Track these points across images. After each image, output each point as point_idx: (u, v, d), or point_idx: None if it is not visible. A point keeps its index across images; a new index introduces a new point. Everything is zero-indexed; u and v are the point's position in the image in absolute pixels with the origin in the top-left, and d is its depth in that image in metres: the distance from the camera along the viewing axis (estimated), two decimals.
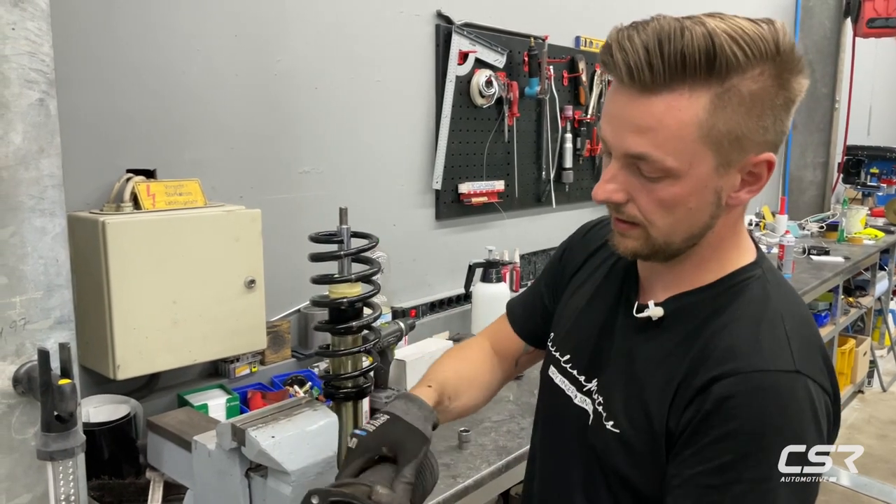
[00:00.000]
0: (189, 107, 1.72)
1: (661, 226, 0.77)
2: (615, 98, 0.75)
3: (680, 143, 0.71)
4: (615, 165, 0.77)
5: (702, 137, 0.71)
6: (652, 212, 0.76)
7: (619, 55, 0.71)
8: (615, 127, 0.75)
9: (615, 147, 0.75)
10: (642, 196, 0.76)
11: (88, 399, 1.48)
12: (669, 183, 0.74)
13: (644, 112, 0.71)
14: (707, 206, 0.76)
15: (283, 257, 1.84)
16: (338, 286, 1.13)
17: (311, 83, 1.98)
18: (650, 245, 0.79)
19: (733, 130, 0.71)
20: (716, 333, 0.77)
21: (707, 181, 0.74)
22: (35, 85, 1.09)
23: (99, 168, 1.57)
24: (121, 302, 1.41)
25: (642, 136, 0.72)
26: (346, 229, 1.15)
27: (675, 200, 0.74)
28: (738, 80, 0.70)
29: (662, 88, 0.70)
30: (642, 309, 0.84)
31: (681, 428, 0.75)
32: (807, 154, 5.03)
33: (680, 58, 0.68)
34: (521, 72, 2.57)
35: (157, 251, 1.45)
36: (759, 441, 0.70)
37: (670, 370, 0.78)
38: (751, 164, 0.75)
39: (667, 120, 0.70)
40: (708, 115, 0.70)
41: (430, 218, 2.39)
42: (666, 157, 0.72)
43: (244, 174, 1.85)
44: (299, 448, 1.04)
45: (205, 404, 1.60)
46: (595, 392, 0.89)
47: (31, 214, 1.09)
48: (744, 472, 0.70)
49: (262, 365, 1.84)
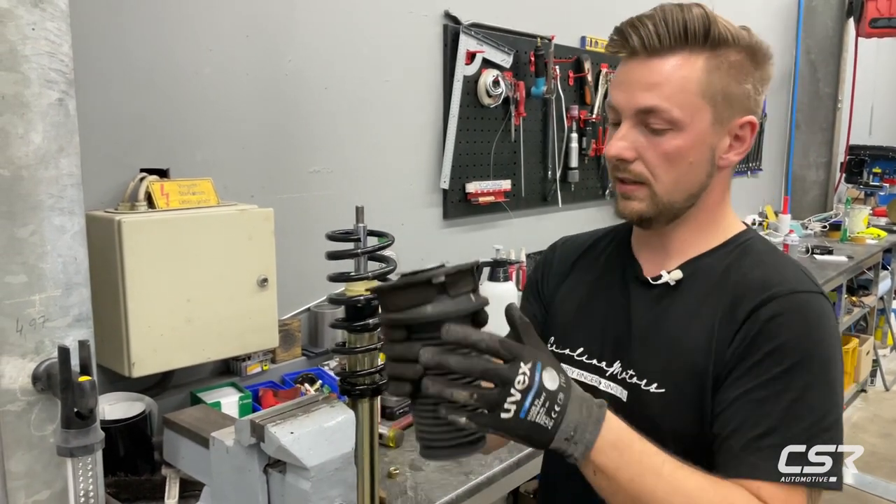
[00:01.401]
0: (201, 107, 1.73)
1: (665, 181, 0.87)
2: (625, 68, 0.88)
3: (683, 95, 0.84)
4: (625, 126, 0.87)
5: (701, 92, 0.84)
6: (658, 165, 0.86)
7: (630, 31, 0.85)
8: (627, 89, 0.86)
9: (627, 107, 0.86)
10: (649, 151, 0.86)
11: (104, 397, 1.48)
12: (673, 135, 0.85)
13: (653, 71, 0.84)
14: (704, 163, 0.87)
15: (292, 256, 1.85)
16: (354, 284, 1.14)
17: (321, 83, 1.99)
18: (655, 205, 0.88)
19: (724, 89, 0.86)
20: (745, 275, 0.88)
21: (704, 136, 0.86)
22: (55, 85, 1.10)
23: (113, 168, 1.57)
24: (136, 300, 1.42)
25: (652, 91, 0.84)
26: (363, 227, 1.16)
27: (679, 152, 0.85)
28: (725, 50, 0.86)
29: (668, 52, 0.84)
30: (658, 279, 0.93)
31: (727, 358, 0.83)
32: (809, 154, 5.04)
33: (682, 27, 0.84)
34: (527, 72, 2.57)
35: (171, 250, 1.46)
36: (805, 351, 0.80)
37: (707, 317, 0.87)
38: (737, 127, 0.88)
39: (673, 76, 0.84)
40: (705, 73, 0.85)
41: (437, 217, 2.40)
42: (673, 107, 0.84)
43: (255, 173, 1.86)
44: (318, 444, 1.04)
45: (217, 402, 1.60)
46: (622, 372, 0.94)
47: (51, 213, 1.10)
48: (792, 381, 0.79)
49: (273, 363, 1.85)
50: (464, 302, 0.73)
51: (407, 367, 0.71)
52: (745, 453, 0.79)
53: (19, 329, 1.06)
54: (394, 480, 1.50)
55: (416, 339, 0.72)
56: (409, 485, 1.49)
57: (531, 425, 0.68)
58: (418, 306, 0.72)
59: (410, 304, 0.72)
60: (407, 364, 0.71)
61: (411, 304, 0.72)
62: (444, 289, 0.72)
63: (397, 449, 1.62)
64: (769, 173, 4.84)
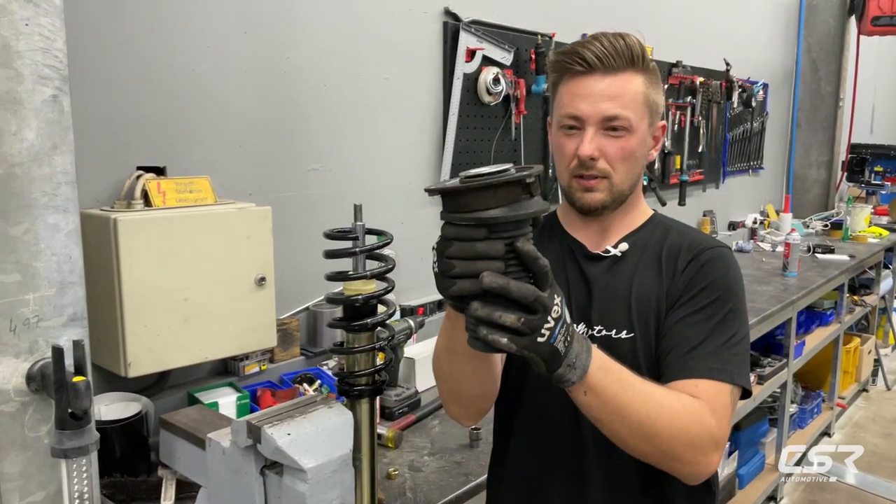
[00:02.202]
0: (198, 104, 1.72)
1: (621, 173, 1.08)
2: (583, 84, 1.06)
3: (635, 104, 1.06)
4: (591, 131, 1.06)
5: (645, 102, 1.07)
6: (616, 160, 1.07)
7: (589, 53, 1.05)
8: (591, 101, 1.05)
9: (593, 115, 1.05)
10: (610, 150, 1.06)
11: (99, 397, 1.47)
12: (629, 137, 1.06)
13: (612, 85, 1.05)
14: (643, 158, 1.11)
15: (290, 255, 1.84)
16: (353, 283, 1.12)
17: (320, 80, 1.98)
18: (612, 194, 1.09)
19: (654, 99, 1.10)
20: (674, 241, 1.13)
21: (645, 136, 1.09)
22: (49, 81, 1.08)
23: (109, 165, 1.56)
24: (132, 299, 1.41)
25: (614, 101, 1.05)
26: (361, 226, 1.14)
27: (632, 150, 1.07)
28: (651, 69, 1.09)
29: (620, 70, 1.06)
30: (608, 252, 1.14)
31: (673, 296, 1.08)
32: (811, 152, 5.03)
33: (630, 51, 1.06)
34: (527, 69, 2.56)
35: (168, 248, 1.45)
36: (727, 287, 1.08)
37: (652, 274, 1.11)
38: (658, 128, 1.13)
39: (627, 89, 1.06)
40: (645, 87, 1.08)
41: (436, 216, 2.37)
42: (630, 114, 1.05)
43: (253, 172, 1.84)
44: (315, 445, 1.03)
45: (215, 402, 1.59)
46: (588, 331, 1.11)
47: (45, 211, 1.08)
48: (718, 309, 1.06)
49: (271, 363, 1.84)
50: (542, 202, 0.79)
51: (489, 264, 0.75)
52: (684, 360, 1.03)
53: (13, 329, 1.04)
54: (393, 481, 1.48)
55: (496, 237, 0.75)
56: (409, 486, 1.47)
57: (553, 350, 0.79)
58: (509, 204, 0.75)
59: (500, 203, 0.75)
60: (487, 262, 0.75)
61: (501, 202, 0.75)
62: (530, 189, 0.77)
63: (396, 450, 1.61)
64: (770, 172, 4.83)
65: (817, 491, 3.46)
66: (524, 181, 0.76)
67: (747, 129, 4.39)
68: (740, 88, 4.10)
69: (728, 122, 4.15)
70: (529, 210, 0.77)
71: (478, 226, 0.75)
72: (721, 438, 0.99)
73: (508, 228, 0.76)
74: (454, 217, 0.77)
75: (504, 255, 0.76)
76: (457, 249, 0.76)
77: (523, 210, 0.76)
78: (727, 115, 4.12)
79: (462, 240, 0.76)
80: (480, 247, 0.75)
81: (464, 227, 0.76)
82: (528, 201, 0.77)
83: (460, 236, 0.76)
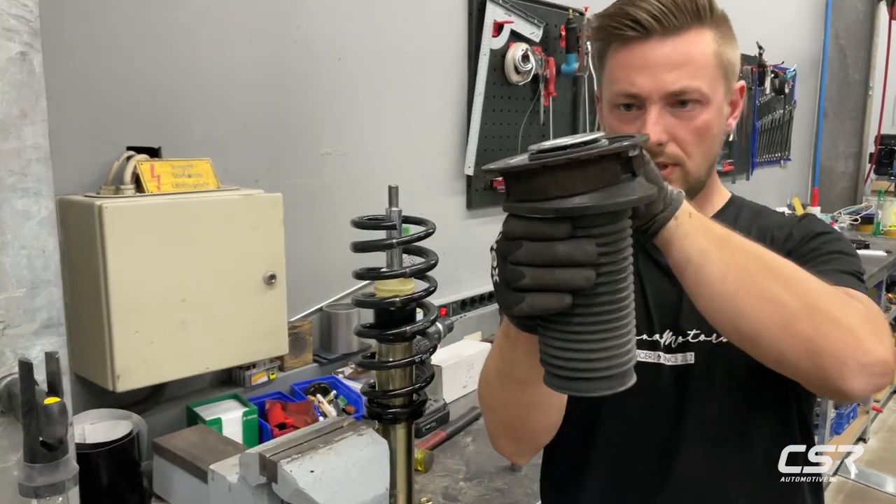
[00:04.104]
0: (199, 77, 1.51)
1: (696, 157, 0.89)
2: (639, 52, 0.86)
3: (707, 70, 0.87)
4: (654, 111, 0.86)
5: (718, 64, 0.88)
6: (691, 143, 0.88)
7: (642, 12, 0.84)
8: (651, 74, 0.85)
9: (655, 91, 0.86)
10: (681, 131, 0.87)
11: (83, 415, 1.27)
12: (701, 109, 0.87)
13: (675, 51, 0.85)
14: (720, 134, 0.91)
15: (302, 248, 1.64)
16: (388, 282, 0.92)
17: (334, 54, 1.77)
18: (688, 182, 0.90)
19: (729, 58, 0.90)
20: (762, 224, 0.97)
21: (721, 106, 0.90)
22: (15, 35, 0.89)
23: (95, 145, 1.36)
24: (121, 301, 1.21)
25: (680, 71, 0.85)
26: (398, 212, 0.94)
27: (707, 126, 0.88)
28: (721, 21, 0.89)
29: (684, 29, 0.86)
30: None
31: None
32: (838, 144, 4.83)
33: (693, 5, 0.86)
34: (557, 47, 2.35)
35: (162, 241, 1.25)
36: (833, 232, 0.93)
37: None
38: (735, 92, 0.94)
39: (694, 53, 0.86)
40: (717, 44, 0.88)
41: (461, 207, 2.19)
42: (702, 83, 0.86)
43: (260, 154, 1.64)
44: (345, 485, 0.84)
45: (218, 419, 1.39)
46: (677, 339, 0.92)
47: (12, 194, 0.89)
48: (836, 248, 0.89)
49: (280, 371, 1.64)
50: (647, 185, 0.58)
51: (575, 273, 0.54)
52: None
53: None
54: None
55: (583, 235, 0.55)
56: None
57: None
58: (603, 188, 0.55)
59: (590, 187, 0.54)
60: (573, 270, 0.54)
61: (591, 185, 0.54)
62: (631, 165, 0.57)
63: (426, 473, 1.40)
64: (796, 164, 4.65)
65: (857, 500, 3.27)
66: (624, 155, 0.55)
67: (776, 118, 4.19)
68: (773, 74, 3.89)
69: (757, 110, 3.95)
70: (632, 196, 0.55)
71: (558, 219, 0.54)
72: (889, 358, 0.67)
73: (602, 222, 0.55)
74: (524, 208, 0.55)
75: (597, 260, 0.55)
76: (527, 252, 0.55)
77: (623, 196, 0.55)
78: (756, 102, 3.91)
79: (535, 239, 0.55)
80: (562, 249, 0.54)
81: (538, 222, 0.55)
82: (628, 184, 0.56)
83: (533, 234, 0.55)
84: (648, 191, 0.57)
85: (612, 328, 0.57)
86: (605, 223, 0.55)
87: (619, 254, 0.57)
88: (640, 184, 0.57)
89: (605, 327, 0.57)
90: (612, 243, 0.56)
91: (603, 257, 0.55)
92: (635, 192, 0.55)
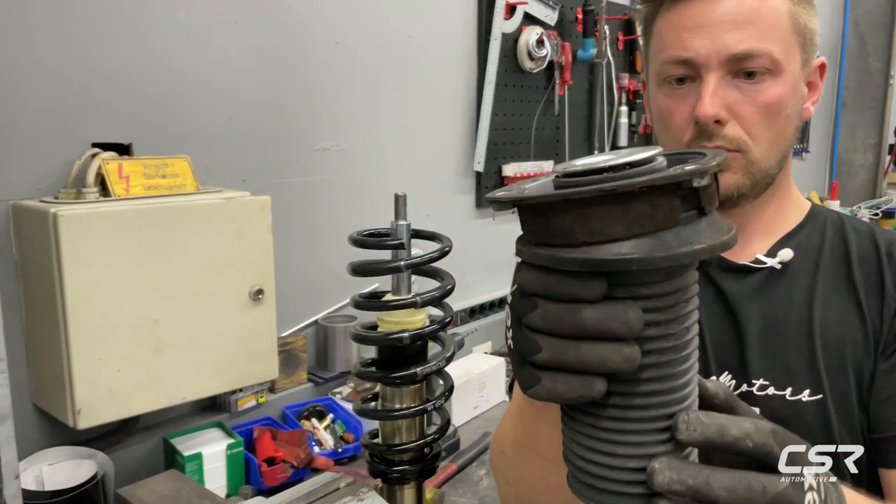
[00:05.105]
0: (176, 62, 1.34)
1: (763, 142, 0.74)
2: (693, 10, 0.73)
3: (778, 31, 0.72)
4: (712, 80, 0.72)
5: (793, 26, 0.73)
6: (756, 123, 0.73)
7: None
8: (708, 34, 0.72)
9: (712, 55, 0.72)
10: (744, 107, 0.73)
11: (40, 454, 1.10)
12: (772, 82, 0.73)
13: (739, 6, 0.72)
14: (795, 116, 0.77)
15: (295, 255, 1.48)
16: (394, 312, 0.75)
17: (331, 37, 1.60)
18: (752, 174, 0.75)
19: (807, 23, 0.75)
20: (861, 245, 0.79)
21: (797, 81, 0.75)
22: None
23: (54, 141, 1.19)
24: (81, 323, 1.04)
25: (743, 31, 0.71)
26: (406, 227, 0.77)
27: (779, 102, 0.73)
28: None
29: None
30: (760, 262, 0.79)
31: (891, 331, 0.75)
32: (857, 135, 4.65)
33: None
34: (573, 31, 2.17)
35: (131, 253, 1.08)
36: None
37: (845, 293, 0.77)
38: (814, 70, 0.79)
39: (763, 9, 0.72)
40: (792, 4, 0.73)
41: (469, 206, 2.02)
42: (773, 46, 0.71)
43: (246, 151, 1.47)
44: None
45: (198, 453, 1.22)
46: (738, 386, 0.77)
47: None
48: None
49: (271, 393, 1.47)
50: (722, 224, 0.39)
51: (610, 351, 0.37)
52: None
53: None
54: None
55: (624, 296, 0.38)
56: None
57: None
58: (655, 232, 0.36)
59: (635, 230, 0.36)
60: (610, 345, 0.37)
61: (639, 228, 0.36)
62: (699, 199, 0.38)
63: None
64: (814, 155, 4.48)
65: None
66: (686, 184, 0.37)
67: None
68: None
69: None
70: (696, 245, 0.37)
71: (587, 274, 0.37)
72: None
73: (652, 279, 0.38)
74: (540, 255, 0.38)
75: (642, 332, 0.37)
76: (544, 317, 0.38)
77: (684, 246, 0.37)
78: None
79: (556, 299, 0.38)
80: (591, 315, 0.37)
81: (558, 275, 0.37)
82: (694, 224, 0.38)
83: (552, 292, 0.38)
84: (724, 235, 0.38)
85: (663, 428, 0.40)
86: (656, 280, 0.38)
87: (677, 323, 0.39)
88: (712, 224, 0.38)
89: (652, 427, 0.39)
90: (667, 309, 0.39)
91: (652, 328, 0.38)
92: (702, 240, 0.37)
